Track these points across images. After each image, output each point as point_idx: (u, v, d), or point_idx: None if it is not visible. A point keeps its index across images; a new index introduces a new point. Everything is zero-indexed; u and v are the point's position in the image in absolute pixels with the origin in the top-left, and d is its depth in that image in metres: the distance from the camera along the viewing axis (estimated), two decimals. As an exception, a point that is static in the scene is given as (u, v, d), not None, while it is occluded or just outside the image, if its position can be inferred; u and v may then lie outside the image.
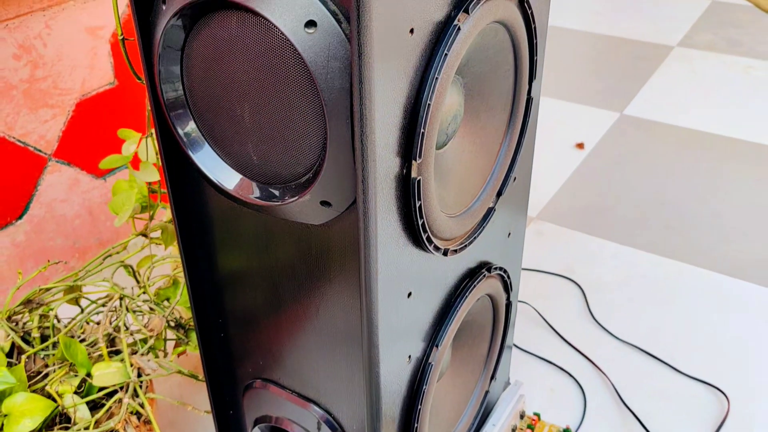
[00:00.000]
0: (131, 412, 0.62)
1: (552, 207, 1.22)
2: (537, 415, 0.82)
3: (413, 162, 0.46)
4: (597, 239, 1.13)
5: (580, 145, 1.39)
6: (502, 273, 0.68)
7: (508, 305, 0.73)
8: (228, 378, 0.65)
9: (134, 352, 0.66)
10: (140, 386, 0.63)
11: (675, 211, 1.20)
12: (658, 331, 0.94)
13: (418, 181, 0.47)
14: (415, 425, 0.58)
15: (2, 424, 0.58)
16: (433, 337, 0.58)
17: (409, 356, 0.55)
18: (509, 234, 0.69)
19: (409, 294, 0.52)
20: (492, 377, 0.75)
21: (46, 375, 0.65)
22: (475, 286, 0.62)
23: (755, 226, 1.15)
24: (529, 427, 0.80)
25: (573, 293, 1.02)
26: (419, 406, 0.58)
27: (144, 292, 0.70)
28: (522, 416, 0.81)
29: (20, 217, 0.94)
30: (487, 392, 0.75)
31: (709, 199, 1.22)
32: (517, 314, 0.97)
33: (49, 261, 0.77)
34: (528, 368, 0.90)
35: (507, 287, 0.71)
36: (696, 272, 1.05)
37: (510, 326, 0.75)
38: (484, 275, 0.63)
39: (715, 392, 0.85)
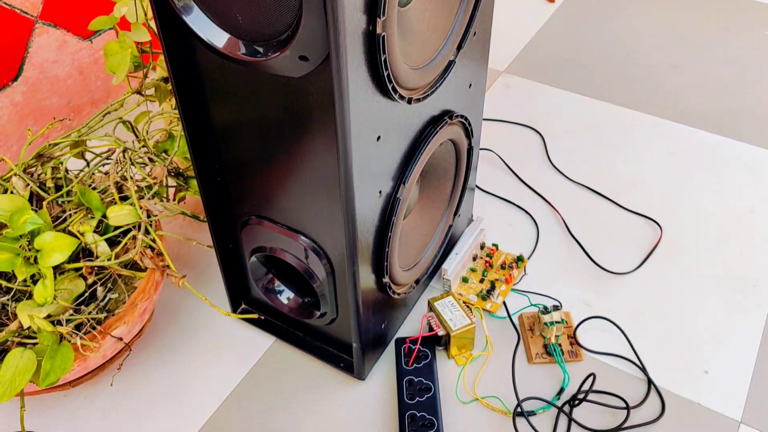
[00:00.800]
0: (145, 246, 0.72)
1: (520, 60, 1.28)
2: (495, 245, 0.93)
3: (378, 19, 0.53)
4: (561, 91, 1.21)
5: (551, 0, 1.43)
6: (463, 120, 0.76)
7: (470, 150, 0.83)
8: (226, 216, 0.74)
9: (141, 198, 0.75)
10: (150, 225, 0.73)
11: (637, 63, 1.27)
12: (608, 173, 1.05)
13: (383, 36, 0.54)
14: (386, 250, 0.69)
15: (36, 258, 0.68)
16: (401, 176, 0.67)
17: (380, 191, 0.65)
18: (470, 85, 0.77)
19: (378, 138, 0.60)
20: (455, 213, 0.86)
21: (65, 219, 0.74)
22: (437, 132, 0.71)
23: (710, 79, 1.23)
24: (488, 255, 0.92)
25: (534, 141, 1.11)
26: (389, 234, 0.68)
27: (144, 146, 0.78)
28: (482, 247, 0.93)
29: (15, 79, 1.00)
30: (450, 226, 0.87)
31: (671, 51, 1.29)
32: (480, 160, 1.08)
33: (54, 118, 0.84)
34: (490, 207, 1.01)
35: (468, 133, 0.80)
36: (649, 120, 1.14)
37: (471, 169, 0.85)
38: (446, 122, 0.72)
39: (651, 223, 0.97)
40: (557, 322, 0.81)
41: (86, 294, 0.70)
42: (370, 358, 0.79)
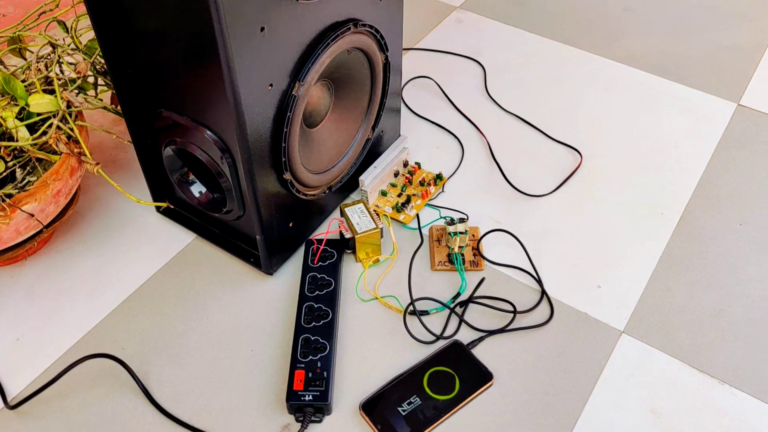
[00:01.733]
0: (64, 134, 0.76)
1: (477, -2, 1.30)
2: (418, 164, 0.97)
3: None
4: (511, 28, 1.23)
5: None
6: (372, 31, 0.79)
7: (386, 65, 0.86)
8: (142, 110, 0.78)
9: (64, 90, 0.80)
10: (69, 115, 0.77)
11: (592, 4, 1.28)
12: (541, 106, 1.08)
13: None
14: (284, 145, 0.73)
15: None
16: (297, 74, 0.71)
17: (271, 85, 0.68)
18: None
19: (262, 29, 0.64)
20: (373, 127, 0.90)
21: (-4, 109, 0.79)
22: (339, 36, 0.74)
23: (660, 22, 1.24)
24: (409, 173, 0.96)
25: (475, 72, 1.14)
26: (286, 130, 0.72)
27: (72, 42, 0.82)
28: (405, 164, 0.97)
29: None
30: (369, 140, 0.90)
31: (626, -6, 1.31)
32: (418, 86, 1.11)
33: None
34: (420, 130, 1.04)
35: (382, 47, 0.83)
36: (592, 58, 1.17)
37: (389, 84, 0.88)
38: (350, 29, 0.75)
39: (573, 152, 1.01)
40: (461, 233, 0.85)
41: (5, 174, 0.74)
42: (278, 255, 0.84)
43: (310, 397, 0.71)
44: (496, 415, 0.73)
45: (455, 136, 1.03)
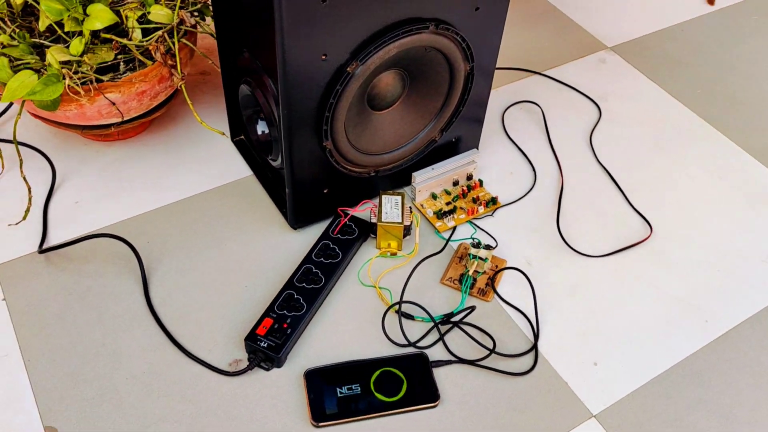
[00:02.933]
0: (165, 46, 0.86)
1: (633, 44, 1.24)
2: (480, 181, 0.97)
3: None
4: (651, 83, 1.16)
5: None
6: (458, 38, 0.80)
7: (469, 75, 0.86)
8: (231, 46, 0.86)
9: (183, 8, 0.89)
10: (177, 32, 0.87)
11: (747, 88, 1.17)
12: (637, 169, 1.02)
13: None
14: (327, 114, 0.77)
15: (83, 20, 0.85)
16: (357, 54, 0.74)
17: (325, 55, 0.72)
18: (477, 8, 0.80)
19: (324, 0, 0.68)
20: (443, 130, 0.91)
21: (123, 3, 0.90)
22: (414, 32, 0.76)
23: (826, 127, 1.11)
24: (468, 186, 0.96)
25: (589, 115, 1.10)
26: (332, 101, 0.76)
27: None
28: (469, 177, 0.97)
29: None
30: (434, 141, 0.92)
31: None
32: (521, 110, 1.09)
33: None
34: (503, 150, 1.02)
35: (467, 56, 0.84)
36: (718, 139, 1.07)
37: (469, 94, 0.88)
38: (428, 27, 0.77)
39: (644, 224, 0.94)
40: (480, 258, 0.85)
41: (111, 64, 0.86)
42: (307, 215, 0.89)
43: (266, 345, 0.76)
44: (424, 435, 0.73)
45: (533, 169, 1.00)
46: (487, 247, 0.86)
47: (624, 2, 1.33)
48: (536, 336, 0.81)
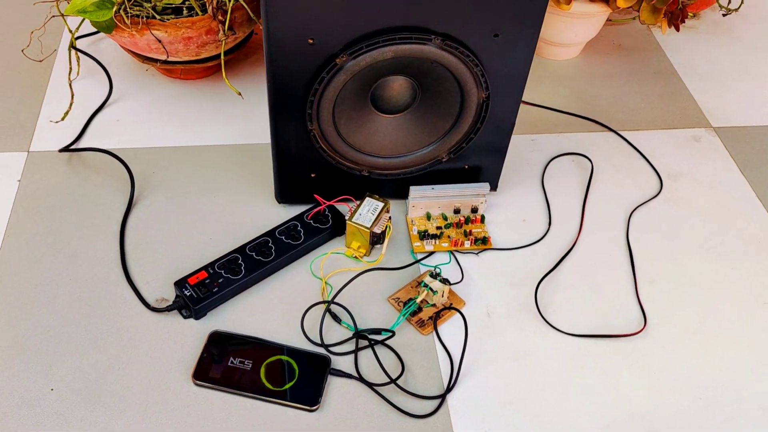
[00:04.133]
0: (220, 3, 0.92)
1: (738, 131, 1.09)
2: (482, 217, 0.91)
3: None
4: (739, 177, 1.02)
5: None
6: (469, 60, 0.76)
7: (483, 104, 0.82)
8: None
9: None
10: (237, -8, 0.92)
11: None
12: (660, 259, 0.90)
13: None
14: (311, 99, 0.78)
15: (162, -38, 0.93)
16: (347, 48, 0.74)
17: (312, 40, 0.73)
18: (496, 35, 0.75)
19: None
20: (451, 152, 0.87)
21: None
22: (413, 41, 0.73)
23: None
24: (468, 220, 0.91)
25: (646, 190, 0.98)
26: (317, 87, 0.76)
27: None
28: (474, 210, 0.92)
29: None
30: (438, 160, 0.88)
31: None
32: (569, 162, 1.01)
33: None
34: (528, 196, 0.96)
35: (479, 82, 0.79)
36: (797, 267, 0.91)
37: (482, 123, 0.84)
38: (431, 40, 0.74)
39: (640, 316, 0.83)
40: (431, 290, 0.81)
41: (173, 6, 0.93)
42: (292, 193, 0.90)
43: (188, 294, 0.79)
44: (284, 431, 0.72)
45: (550, 224, 0.93)
46: (444, 281, 0.81)
47: (754, 87, 1.17)
48: (450, 386, 0.76)
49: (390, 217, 0.88)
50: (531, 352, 0.80)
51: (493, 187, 0.95)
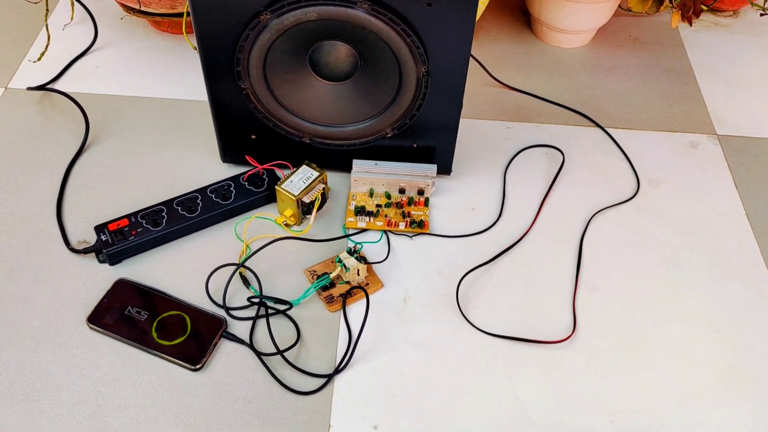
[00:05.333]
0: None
1: (744, 143, 0.98)
2: (426, 200, 0.86)
3: None
4: (732, 190, 0.91)
5: None
6: (400, 30, 0.72)
7: (421, 79, 0.77)
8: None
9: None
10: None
11: None
12: (617, 270, 0.82)
13: None
14: (238, 55, 0.76)
15: None
16: (272, 5, 0.71)
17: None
18: (429, 4, 0.70)
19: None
20: (395, 128, 0.83)
21: None
22: (339, 4, 0.70)
23: None
24: (411, 201, 0.86)
25: (619, 193, 0.90)
26: (243, 43, 0.74)
27: None
28: (420, 192, 0.87)
29: None
30: (382, 135, 0.84)
31: None
32: (542, 154, 0.95)
33: None
34: (483, 183, 0.90)
35: (416, 55, 0.75)
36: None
37: (423, 99, 0.79)
38: (356, 4, 0.70)
39: (567, 329, 0.77)
40: (344, 266, 0.78)
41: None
42: (235, 153, 0.88)
43: (104, 239, 0.79)
44: (167, 389, 0.71)
45: (500, 216, 0.87)
46: (361, 260, 0.78)
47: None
48: (340, 367, 0.73)
49: (324, 188, 0.85)
50: (437, 345, 0.75)
51: (445, 171, 0.90)
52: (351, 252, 0.79)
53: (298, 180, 0.83)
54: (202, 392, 0.71)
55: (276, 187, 0.83)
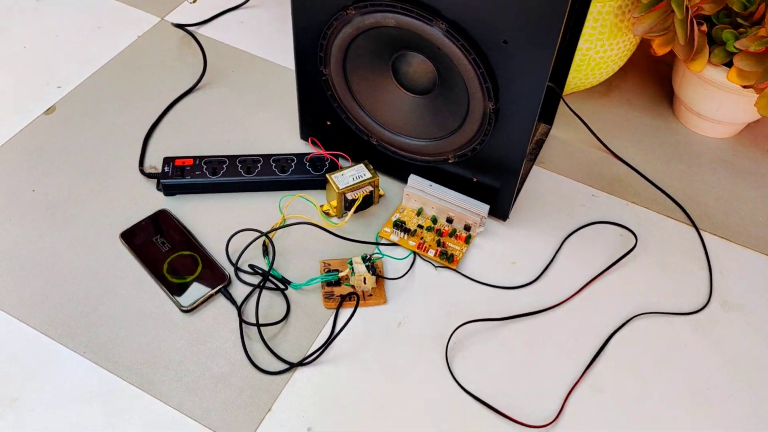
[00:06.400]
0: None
1: (726, 227, 0.82)
2: (468, 237, 0.83)
3: None
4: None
5: None
6: (471, 58, 0.70)
7: (488, 114, 0.74)
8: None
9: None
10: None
11: None
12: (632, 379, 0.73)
13: None
14: (322, 41, 0.78)
15: None
16: (358, 3, 0.72)
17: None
18: (504, 41, 0.67)
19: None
20: (457, 156, 0.81)
21: None
22: (415, 16, 0.69)
23: None
24: (453, 233, 0.84)
25: (689, 293, 0.80)
26: (327, 31, 0.76)
27: None
28: (466, 228, 0.84)
29: None
30: (445, 159, 0.83)
31: None
32: (605, 232, 0.86)
33: None
34: (535, 244, 0.84)
35: (483, 89, 0.72)
36: None
37: (488, 136, 0.77)
38: (432, 22, 0.69)
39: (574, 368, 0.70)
40: (352, 269, 0.77)
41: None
42: (311, 130, 0.91)
43: (167, 170, 0.86)
44: (152, 316, 0.76)
45: (537, 280, 0.81)
46: (371, 269, 0.78)
47: None
48: (304, 360, 0.73)
49: (373, 191, 0.85)
50: (407, 379, 0.73)
51: (501, 216, 0.86)
52: (365, 259, 0.79)
53: (349, 175, 0.85)
54: (180, 332, 0.75)
55: (327, 175, 0.85)
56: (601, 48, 0.91)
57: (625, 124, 1.01)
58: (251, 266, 0.80)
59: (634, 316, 0.80)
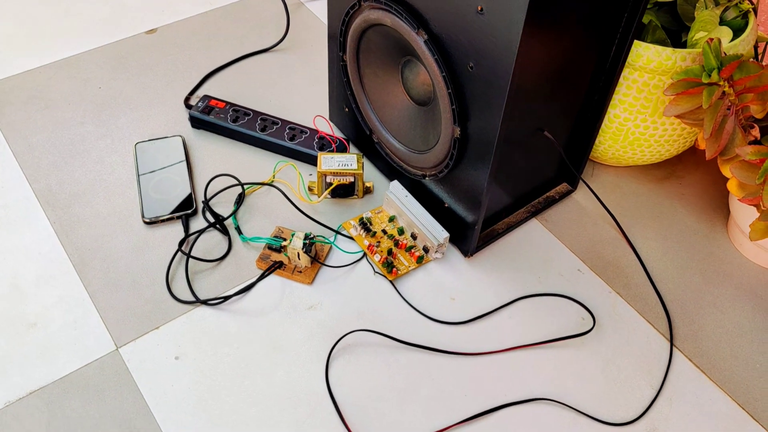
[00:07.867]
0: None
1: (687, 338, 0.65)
2: (420, 257, 0.81)
3: None
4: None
5: None
6: (443, 76, 0.68)
7: (454, 140, 0.72)
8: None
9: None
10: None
11: None
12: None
13: None
14: (340, 39, 0.81)
15: None
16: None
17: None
18: (471, 66, 0.65)
19: None
20: (435, 174, 0.80)
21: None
22: (404, 19, 0.70)
23: None
24: (410, 248, 0.82)
25: (637, 394, 0.71)
26: (345, 18, 0.79)
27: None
28: (425, 249, 0.83)
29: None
30: (423, 176, 0.82)
31: None
32: (563, 315, 0.79)
33: None
34: (486, 291, 0.80)
35: (452, 111, 0.70)
36: None
37: (452, 160, 0.74)
38: (418, 30, 0.69)
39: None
40: (291, 242, 0.80)
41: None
42: (337, 113, 0.95)
43: (199, 105, 0.95)
44: (117, 205, 0.86)
45: (466, 325, 0.77)
46: (308, 249, 0.79)
47: None
48: (209, 301, 0.77)
49: (354, 182, 0.87)
50: (279, 354, 0.74)
51: (464, 252, 0.82)
52: (307, 237, 0.81)
53: (337, 161, 0.87)
54: (131, 237, 0.83)
55: (319, 153, 0.88)
56: (642, 123, 0.83)
57: (662, 215, 0.91)
58: (221, 219, 0.86)
59: (542, 398, 0.73)
